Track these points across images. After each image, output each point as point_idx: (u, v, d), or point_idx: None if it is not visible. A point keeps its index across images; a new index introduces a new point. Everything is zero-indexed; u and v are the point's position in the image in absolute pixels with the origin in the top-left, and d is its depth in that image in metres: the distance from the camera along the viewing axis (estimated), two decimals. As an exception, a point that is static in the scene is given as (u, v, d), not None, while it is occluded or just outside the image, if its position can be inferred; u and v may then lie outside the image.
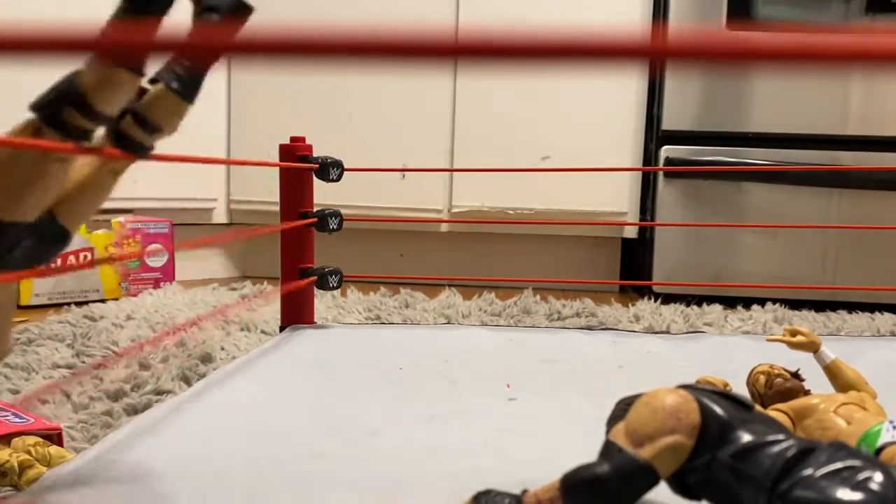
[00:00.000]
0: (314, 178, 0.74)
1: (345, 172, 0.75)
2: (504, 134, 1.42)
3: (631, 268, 1.55)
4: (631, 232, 1.45)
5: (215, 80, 1.45)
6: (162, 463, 0.39)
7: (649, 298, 1.29)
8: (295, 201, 0.73)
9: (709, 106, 1.32)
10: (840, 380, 0.41)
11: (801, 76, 1.29)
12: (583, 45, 0.16)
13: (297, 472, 0.38)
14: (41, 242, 0.36)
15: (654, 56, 0.17)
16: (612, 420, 0.33)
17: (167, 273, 1.28)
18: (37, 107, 0.33)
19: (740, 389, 0.39)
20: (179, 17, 0.32)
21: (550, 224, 1.45)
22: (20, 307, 1.14)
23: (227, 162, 1.48)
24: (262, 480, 0.37)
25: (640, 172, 1.42)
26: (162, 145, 0.37)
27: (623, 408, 0.32)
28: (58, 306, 1.13)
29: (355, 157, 1.45)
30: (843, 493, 0.25)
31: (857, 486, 0.25)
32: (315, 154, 0.74)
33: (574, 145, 1.41)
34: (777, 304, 1.24)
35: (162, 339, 0.44)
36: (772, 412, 0.38)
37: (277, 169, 0.73)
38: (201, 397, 0.49)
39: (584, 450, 0.32)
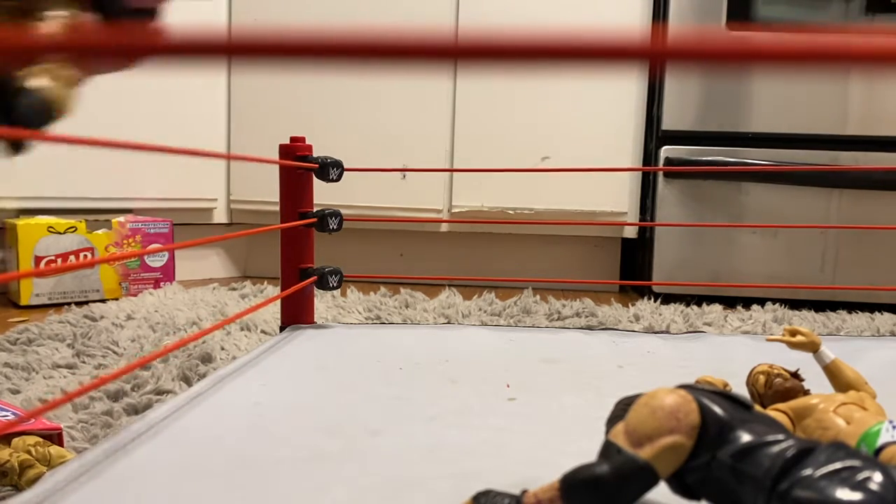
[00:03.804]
0: (314, 178, 0.74)
1: (345, 172, 0.75)
2: (504, 134, 1.42)
3: (631, 268, 1.55)
4: (631, 232, 1.45)
5: (216, 81, 1.45)
6: (162, 463, 0.39)
7: (649, 298, 1.29)
8: (295, 201, 0.73)
9: (709, 106, 1.32)
10: (840, 380, 0.41)
11: (800, 76, 1.29)
12: (583, 46, 0.16)
13: (297, 472, 0.38)
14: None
15: (654, 57, 0.17)
16: (612, 420, 0.33)
17: (167, 273, 1.28)
18: None
19: (740, 389, 0.39)
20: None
21: (550, 224, 1.45)
22: (20, 307, 1.14)
23: (228, 157, 1.48)
24: (262, 480, 0.37)
25: (639, 172, 1.42)
26: (163, 145, 0.38)
27: (623, 408, 0.32)
28: (58, 306, 1.13)
29: (355, 157, 1.45)
30: (843, 493, 0.25)
31: (856, 486, 0.25)
32: (315, 154, 0.74)
33: (574, 145, 1.41)
34: (777, 304, 1.24)
35: (170, 349, 0.44)
36: (771, 412, 0.38)
37: (277, 169, 0.73)
38: (201, 397, 0.49)
39: (583, 450, 0.32)
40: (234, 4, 1.45)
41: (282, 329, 0.74)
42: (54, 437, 0.51)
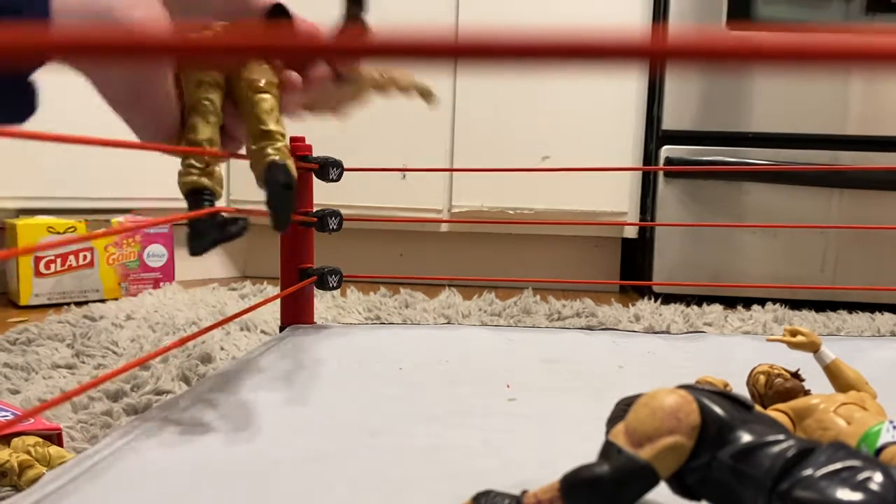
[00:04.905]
0: (314, 178, 0.74)
1: (345, 172, 0.75)
2: (504, 134, 1.42)
3: (631, 268, 1.55)
4: (631, 232, 1.45)
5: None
6: (162, 463, 0.39)
7: (649, 298, 1.29)
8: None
9: (709, 106, 1.32)
10: (840, 380, 0.41)
11: (801, 76, 1.29)
12: (583, 45, 0.16)
13: (297, 472, 0.38)
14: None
15: (654, 56, 0.17)
16: (612, 420, 0.33)
17: (167, 273, 1.28)
18: None
19: (740, 389, 0.39)
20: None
21: (550, 224, 1.45)
22: (20, 307, 1.14)
23: (228, 156, 1.48)
24: (263, 480, 0.37)
25: (640, 172, 1.42)
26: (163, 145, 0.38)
27: (623, 408, 0.32)
28: (58, 306, 1.13)
29: (355, 157, 1.45)
30: (843, 494, 0.25)
31: (856, 487, 0.25)
32: (315, 154, 0.74)
33: (574, 145, 1.41)
34: (777, 304, 1.24)
35: (170, 348, 0.44)
36: (772, 412, 0.38)
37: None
38: (201, 397, 0.49)
39: (583, 450, 0.32)
40: (234, 4, 1.45)
41: (281, 329, 0.74)
42: (54, 437, 0.51)
